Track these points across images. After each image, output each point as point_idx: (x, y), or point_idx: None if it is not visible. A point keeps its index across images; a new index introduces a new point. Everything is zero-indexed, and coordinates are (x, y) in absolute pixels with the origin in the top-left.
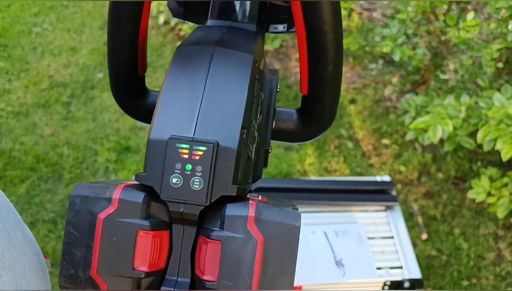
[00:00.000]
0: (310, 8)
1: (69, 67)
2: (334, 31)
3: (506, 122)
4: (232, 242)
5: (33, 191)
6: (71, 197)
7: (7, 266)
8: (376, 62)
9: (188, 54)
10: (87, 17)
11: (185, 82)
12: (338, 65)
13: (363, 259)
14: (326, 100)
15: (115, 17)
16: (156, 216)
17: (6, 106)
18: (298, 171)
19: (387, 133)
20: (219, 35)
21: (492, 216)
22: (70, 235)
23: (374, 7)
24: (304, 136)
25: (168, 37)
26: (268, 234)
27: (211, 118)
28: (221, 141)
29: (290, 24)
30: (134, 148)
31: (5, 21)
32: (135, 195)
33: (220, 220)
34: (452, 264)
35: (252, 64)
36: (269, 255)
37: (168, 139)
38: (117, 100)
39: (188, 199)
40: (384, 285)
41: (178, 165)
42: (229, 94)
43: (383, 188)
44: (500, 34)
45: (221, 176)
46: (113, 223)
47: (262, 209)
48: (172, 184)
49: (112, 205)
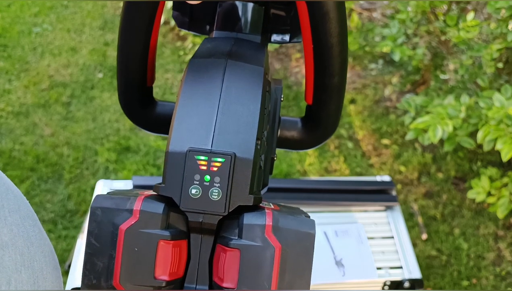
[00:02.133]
0: (318, 22)
1: (69, 67)
2: (340, 44)
3: (506, 123)
4: (250, 250)
5: (33, 191)
6: (92, 208)
7: (26, 263)
8: (376, 62)
9: (201, 67)
10: (87, 17)
11: (200, 95)
12: (342, 77)
13: (363, 259)
14: (330, 110)
15: (128, 26)
16: (175, 226)
17: (6, 106)
18: (298, 171)
19: (387, 133)
20: (229, 47)
21: (492, 216)
22: (92, 246)
23: (374, 7)
24: (308, 144)
25: (168, 37)
26: (285, 241)
27: (228, 129)
28: (238, 153)
29: (293, 34)
30: (134, 148)
31: (5, 21)
32: (155, 206)
33: (238, 228)
34: (452, 264)
35: (264, 76)
36: (286, 262)
37: (187, 152)
38: (125, 110)
39: (207, 209)
40: (384, 285)
41: (197, 176)
42: (244, 106)
43: (383, 188)
44: (500, 34)
45: (239, 186)
46: (134, 233)
47: (278, 218)
48: (191, 194)
49: (134, 216)
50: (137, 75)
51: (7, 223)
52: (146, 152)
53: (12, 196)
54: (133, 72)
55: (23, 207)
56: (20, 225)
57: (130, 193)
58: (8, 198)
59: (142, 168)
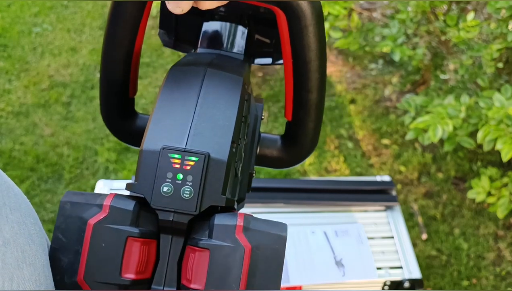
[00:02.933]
0: (297, 35)
1: (69, 67)
2: (318, 59)
3: (506, 123)
4: (220, 250)
5: (33, 191)
6: (61, 203)
7: (27, 260)
8: (376, 62)
9: (180, 74)
10: (87, 17)
11: (178, 99)
12: (321, 93)
13: (363, 259)
14: (308, 126)
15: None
16: (145, 225)
17: (6, 106)
18: (298, 171)
19: (387, 133)
20: (210, 59)
21: (492, 216)
22: (58, 241)
23: (374, 7)
24: (287, 162)
25: None
26: (256, 242)
27: (203, 131)
28: (212, 153)
29: (275, 57)
30: (134, 148)
31: (5, 21)
32: (126, 202)
33: (209, 229)
34: (452, 264)
35: (242, 85)
36: (256, 263)
37: (161, 150)
38: (105, 120)
39: (178, 208)
40: (384, 285)
41: (170, 174)
42: (220, 110)
43: (383, 188)
44: (500, 34)
45: (211, 186)
46: (102, 228)
47: (250, 220)
48: (162, 192)
49: (103, 211)
50: (120, 85)
51: (9, 220)
52: None
53: (13, 194)
54: (116, 82)
55: (23, 205)
56: (21, 223)
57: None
58: (9, 196)
59: None
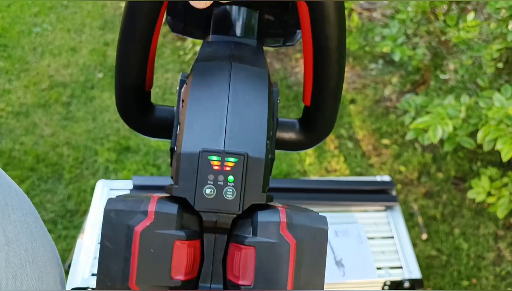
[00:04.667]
0: (319, 24)
1: (69, 67)
2: (339, 48)
3: (506, 123)
4: (266, 247)
5: (33, 191)
6: (105, 211)
7: (30, 258)
8: (376, 62)
9: (206, 70)
10: (87, 17)
11: (209, 97)
12: (340, 80)
13: (363, 259)
14: (327, 111)
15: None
16: (189, 226)
17: (6, 106)
18: (298, 171)
19: (387, 133)
20: (230, 50)
21: (492, 216)
22: (106, 249)
23: (374, 7)
24: (305, 144)
25: (168, 37)
26: (300, 237)
27: (238, 130)
28: (250, 153)
29: (286, 38)
30: (134, 148)
31: (5, 21)
32: (169, 206)
33: (252, 226)
34: (452, 264)
35: (268, 78)
36: (301, 257)
37: (200, 152)
38: (122, 116)
39: (221, 209)
40: (384, 285)
41: (211, 176)
42: (252, 108)
43: (383, 188)
44: (500, 34)
45: (252, 185)
46: (150, 235)
47: (292, 215)
48: (205, 194)
49: (148, 217)
50: (136, 80)
51: (11, 220)
52: (146, 152)
53: (15, 193)
54: (133, 76)
55: (25, 204)
56: (24, 222)
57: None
58: (11, 196)
59: (142, 168)
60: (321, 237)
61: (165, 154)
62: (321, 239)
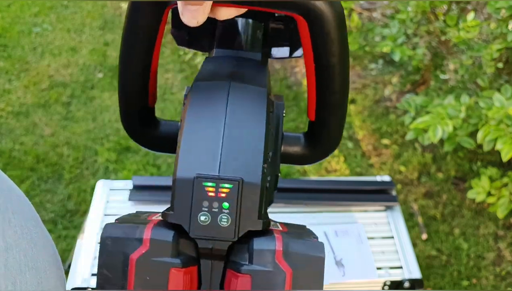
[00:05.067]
0: (319, 41)
1: (69, 67)
2: (341, 63)
3: (506, 123)
4: (262, 275)
5: (33, 191)
6: (102, 239)
7: (30, 264)
8: (376, 62)
9: (204, 90)
10: (87, 17)
11: (205, 119)
12: (344, 94)
13: (363, 259)
14: (332, 126)
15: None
16: (185, 253)
17: (6, 106)
18: (298, 171)
19: (387, 133)
20: (231, 68)
21: (492, 216)
22: (103, 277)
23: (374, 7)
24: (311, 159)
25: (168, 37)
26: (296, 266)
27: (234, 155)
28: (245, 178)
29: (292, 48)
30: (134, 148)
31: (5, 21)
32: (165, 233)
33: (248, 253)
34: (452, 264)
35: (267, 97)
36: (297, 286)
37: (194, 178)
38: (128, 131)
39: (216, 236)
40: (384, 285)
41: (205, 202)
42: (248, 130)
43: (383, 188)
44: (500, 34)
45: (247, 211)
46: (145, 262)
47: (288, 242)
48: (200, 221)
49: (144, 245)
50: (139, 96)
51: (11, 225)
52: (146, 152)
53: (15, 197)
54: (135, 93)
55: (26, 208)
56: (24, 226)
57: (138, 219)
58: (12, 200)
59: (142, 168)
60: (317, 266)
61: (165, 154)
62: (318, 267)
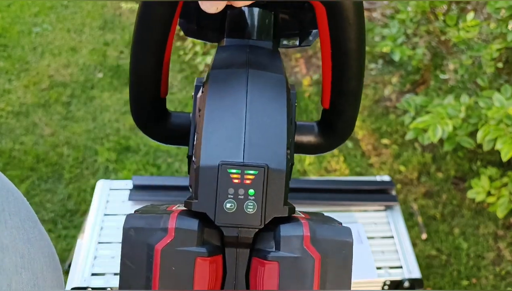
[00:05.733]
0: (338, 26)
1: (69, 67)
2: (359, 49)
3: (505, 122)
4: (290, 262)
5: (33, 190)
6: (125, 230)
7: (26, 265)
8: (376, 62)
9: (223, 79)
10: (87, 17)
11: (226, 107)
12: (360, 81)
13: (363, 259)
14: (347, 114)
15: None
16: (210, 242)
17: (6, 106)
18: (298, 171)
19: (387, 133)
20: (245, 55)
21: (491, 215)
22: (127, 268)
23: (374, 7)
24: (324, 148)
25: None
26: (324, 251)
27: (258, 142)
28: (270, 164)
29: (302, 38)
30: (134, 148)
31: (5, 21)
32: (190, 222)
33: (275, 240)
34: (451, 263)
35: (286, 84)
36: (326, 272)
37: (219, 166)
38: (138, 123)
39: (243, 223)
40: (384, 285)
41: (231, 189)
42: (271, 117)
43: (383, 188)
44: (500, 34)
45: (273, 198)
46: (171, 252)
47: (315, 228)
48: (226, 209)
49: (169, 234)
50: (151, 86)
51: (8, 226)
52: (146, 151)
53: (13, 198)
54: (148, 83)
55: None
56: (20, 228)
57: (158, 209)
58: (9, 201)
59: (142, 167)
60: (346, 250)
61: (165, 153)
62: (346, 252)
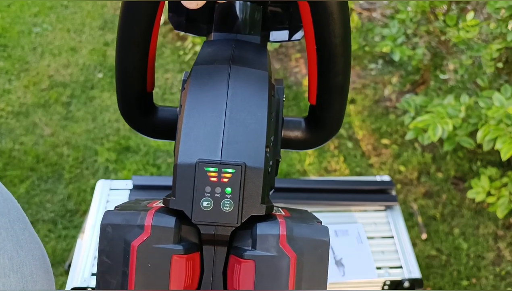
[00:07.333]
0: (322, 22)
1: (69, 67)
2: (343, 44)
3: (505, 122)
4: (266, 261)
5: (33, 191)
6: (102, 226)
7: (15, 268)
8: (375, 62)
9: (204, 74)
10: (87, 17)
11: (206, 103)
12: (346, 76)
13: (363, 258)
14: (334, 109)
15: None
16: (187, 239)
17: (6, 106)
18: (298, 171)
19: (387, 133)
20: (230, 51)
21: (491, 215)
22: (104, 264)
23: (374, 7)
24: (312, 143)
25: (168, 37)
26: (300, 250)
27: (236, 139)
28: (248, 162)
29: (291, 32)
30: (134, 148)
31: (5, 21)
32: (166, 220)
33: (251, 239)
34: (451, 264)
35: (268, 81)
36: (302, 271)
37: (196, 163)
38: (125, 118)
39: (219, 221)
40: (384, 285)
41: (208, 188)
42: (251, 114)
43: (383, 188)
44: (499, 34)
45: (250, 196)
46: (147, 249)
47: (292, 226)
48: (202, 207)
49: (145, 231)
50: (137, 81)
51: None
52: (146, 151)
53: (2, 199)
54: (133, 78)
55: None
56: (9, 229)
57: (138, 206)
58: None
59: (142, 167)
60: (322, 249)
61: (165, 153)
62: (322, 251)
